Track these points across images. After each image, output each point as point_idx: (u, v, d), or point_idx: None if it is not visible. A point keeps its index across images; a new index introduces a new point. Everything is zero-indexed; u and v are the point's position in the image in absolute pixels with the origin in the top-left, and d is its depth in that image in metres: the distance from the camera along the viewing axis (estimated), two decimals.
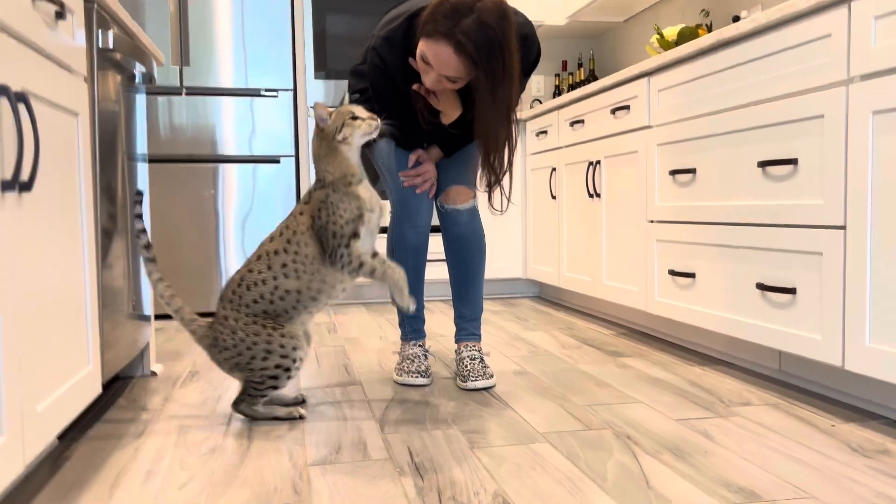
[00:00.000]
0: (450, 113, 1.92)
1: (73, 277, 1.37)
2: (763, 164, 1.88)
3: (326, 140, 1.64)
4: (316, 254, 1.64)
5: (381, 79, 1.90)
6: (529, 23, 1.90)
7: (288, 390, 1.93)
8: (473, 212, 2.06)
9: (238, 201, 3.42)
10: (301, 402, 1.82)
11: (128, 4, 3.27)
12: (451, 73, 1.74)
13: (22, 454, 1.06)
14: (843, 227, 1.64)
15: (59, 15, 1.28)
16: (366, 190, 1.67)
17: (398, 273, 1.68)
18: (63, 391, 1.27)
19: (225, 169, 3.39)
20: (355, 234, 1.63)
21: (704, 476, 1.31)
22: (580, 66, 4.27)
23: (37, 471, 1.40)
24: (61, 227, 1.30)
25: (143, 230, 1.64)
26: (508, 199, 1.93)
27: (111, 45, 1.60)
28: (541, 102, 4.42)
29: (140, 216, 1.65)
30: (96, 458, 1.46)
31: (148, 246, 1.65)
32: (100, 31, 1.57)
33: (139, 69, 1.98)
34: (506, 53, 1.71)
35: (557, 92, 4.42)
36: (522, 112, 3.74)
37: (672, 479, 1.30)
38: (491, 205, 2.05)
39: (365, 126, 1.64)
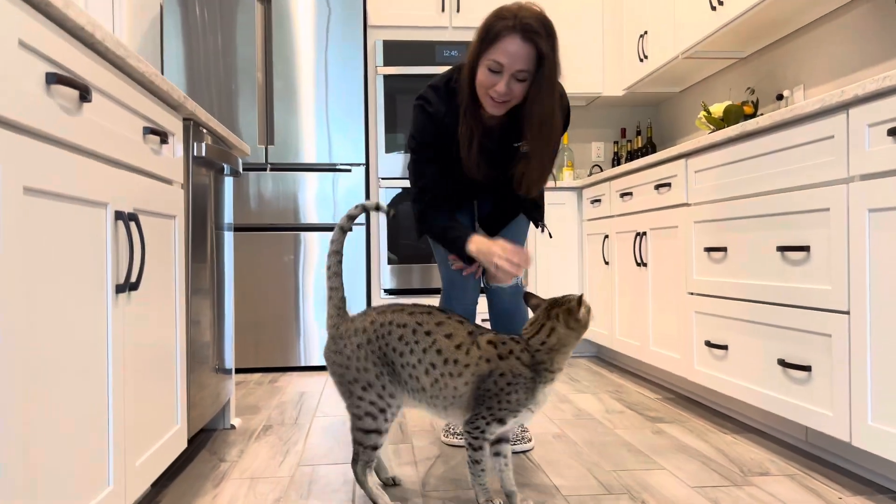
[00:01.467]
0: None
1: (168, 353, 1.66)
2: (781, 249, 2.03)
3: (575, 333, 1.60)
4: (461, 395, 1.60)
5: (428, 124, 2.05)
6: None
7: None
8: (517, 289, 2.27)
9: (317, 265, 3.74)
10: (394, 483, 1.86)
11: (224, 96, 3.69)
12: (522, 65, 1.87)
13: (124, 500, 1.34)
14: (848, 312, 1.78)
15: (163, 141, 1.59)
16: (545, 394, 1.62)
17: (481, 475, 1.65)
18: (156, 447, 1.55)
19: (305, 237, 3.73)
20: (503, 421, 1.60)
21: None
22: (638, 133, 4.46)
23: None
24: (160, 312, 1.60)
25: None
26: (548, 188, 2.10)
27: (203, 154, 1.92)
28: (601, 169, 4.62)
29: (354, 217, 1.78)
30: None
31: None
32: (195, 143, 1.89)
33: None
34: (557, 40, 1.92)
35: (616, 159, 4.62)
36: (582, 178, 3.95)
37: None
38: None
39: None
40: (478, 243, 1.99)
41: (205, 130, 2.03)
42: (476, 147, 2.02)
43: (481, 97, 1.96)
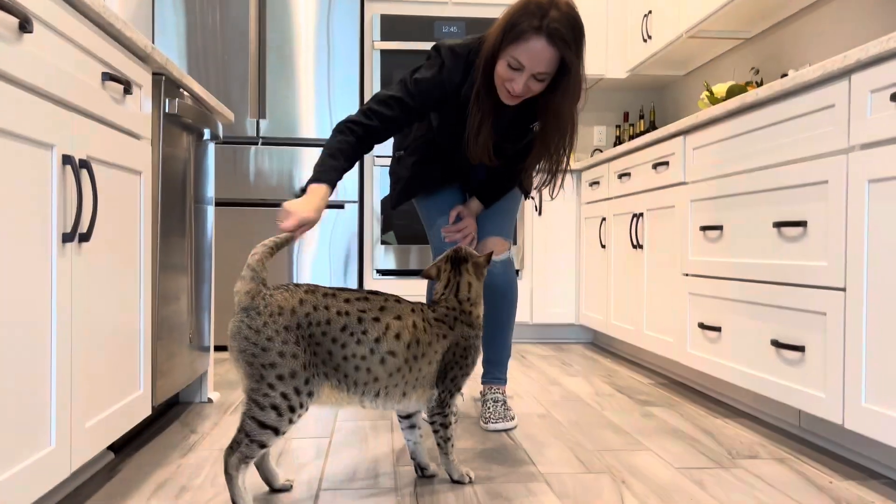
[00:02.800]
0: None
1: (129, 314, 1.59)
2: (778, 225, 1.94)
3: (481, 282, 1.66)
4: (425, 376, 1.53)
5: (434, 88, 1.92)
6: None
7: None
8: (508, 263, 2.20)
9: (311, 242, 3.67)
10: (287, 489, 1.58)
11: (217, 68, 3.61)
12: (543, 69, 1.79)
13: (69, 462, 1.27)
14: (844, 289, 1.70)
15: (127, 90, 1.52)
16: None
17: (453, 451, 1.63)
18: (113, 411, 1.48)
19: None
20: (461, 387, 1.60)
21: None
22: (641, 117, 4.36)
23: (91, 480, 1.61)
24: (119, 270, 1.53)
25: None
26: (555, 193, 2.02)
27: (177, 112, 1.84)
28: (602, 152, 4.53)
29: None
30: (142, 473, 1.66)
31: None
32: (167, 99, 1.82)
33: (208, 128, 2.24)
34: (584, 43, 1.84)
35: (618, 142, 4.52)
36: (581, 161, 3.87)
37: None
38: (539, 196, 2.09)
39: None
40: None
41: (181, 89, 1.96)
42: (486, 134, 1.93)
43: (497, 86, 1.88)
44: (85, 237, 1.29)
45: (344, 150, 1.84)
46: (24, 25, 1.07)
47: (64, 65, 1.24)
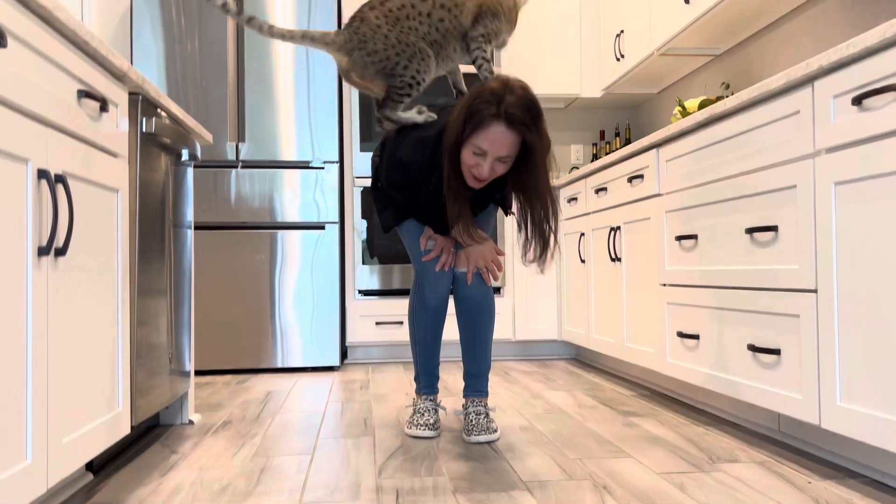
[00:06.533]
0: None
1: (106, 331, 1.59)
2: (750, 231, 1.98)
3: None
4: (462, 26, 1.98)
5: (403, 173, 2.05)
6: None
7: None
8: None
9: (292, 264, 3.67)
10: None
11: (196, 92, 3.63)
12: (505, 152, 1.88)
13: (45, 477, 1.26)
14: (815, 291, 1.73)
15: (104, 108, 1.53)
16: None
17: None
18: (90, 428, 1.47)
19: (280, 235, 3.66)
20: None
21: None
22: (617, 135, 4.43)
23: (69, 501, 1.59)
24: (96, 287, 1.53)
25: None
26: (550, 257, 2.07)
27: (154, 131, 1.85)
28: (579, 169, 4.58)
29: None
30: (121, 493, 1.65)
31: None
32: (144, 118, 1.83)
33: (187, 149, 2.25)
34: (543, 121, 1.92)
35: (595, 160, 4.57)
36: (559, 178, 3.91)
37: None
38: (539, 267, 2.12)
39: None
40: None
41: (159, 109, 1.97)
42: (465, 214, 2.02)
43: (464, 172, 1.96)
44: (61, 251, 1.30)
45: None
46: None
47: (39, 80, 1.26)
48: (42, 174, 1.24)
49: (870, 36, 1.50)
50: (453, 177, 1.97)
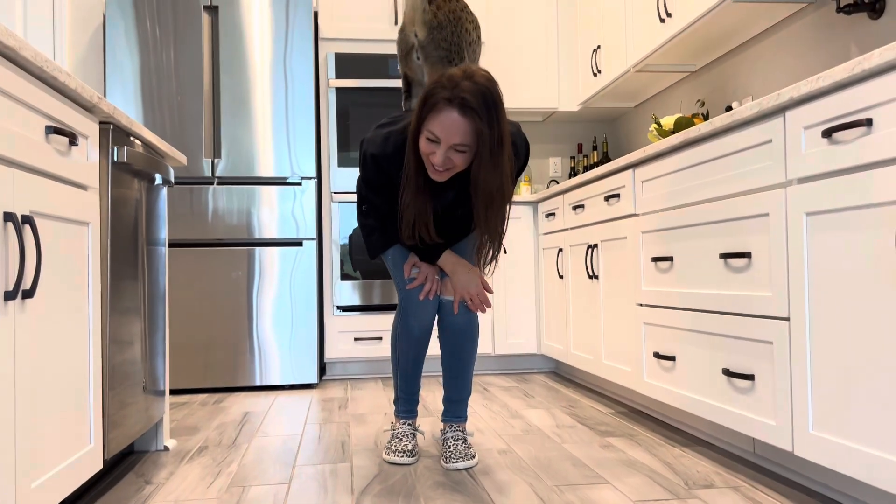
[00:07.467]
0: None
1: (77, 368, 1.56)
2: (724, 256, 1.99)
3: None
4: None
5: (380, 174, 2.03)
6: (514, 122, 2.07)
7: None
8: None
9: (269, 280, 3.64)
10: None
11: (171, 108, 3.60)
12: (459, 140, 1.80)
13: None
14: (788, 319, 1.74)
15: (73, 142, 1.51)
16: None
17: None
18: (60, 469, 1.45)
19: (257, 252, 3.64)
20: None
21: None
22: (595, 148, 4.45)
23: None
24: (67, 324, 1.50)
25: None
26: (496, 262, 2.05)
27: (125, 160, 1.83)
28: (558, 183, 4.60)
29: None
30: None
31: None
32: (115, 147, 1.81)
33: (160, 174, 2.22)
34: (501, 114, 1.83)
35: (573, 173, 4.60)
36: (538, 193, 3.92)
37: None
38: (482, 271, 2.11)
39: None
40: (458, 263, 2.09)
41: (132, 137, 1.95)
42: (419, 210, 1.97)
43: (425, 162, 1.91)
44: (28, 293, 1.28)
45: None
46: None
47: (4, 121, 1.24)
48: (8, 217, 1.22)
49: (838, 71, 1.52)
50: (413, 166, 1.93)
